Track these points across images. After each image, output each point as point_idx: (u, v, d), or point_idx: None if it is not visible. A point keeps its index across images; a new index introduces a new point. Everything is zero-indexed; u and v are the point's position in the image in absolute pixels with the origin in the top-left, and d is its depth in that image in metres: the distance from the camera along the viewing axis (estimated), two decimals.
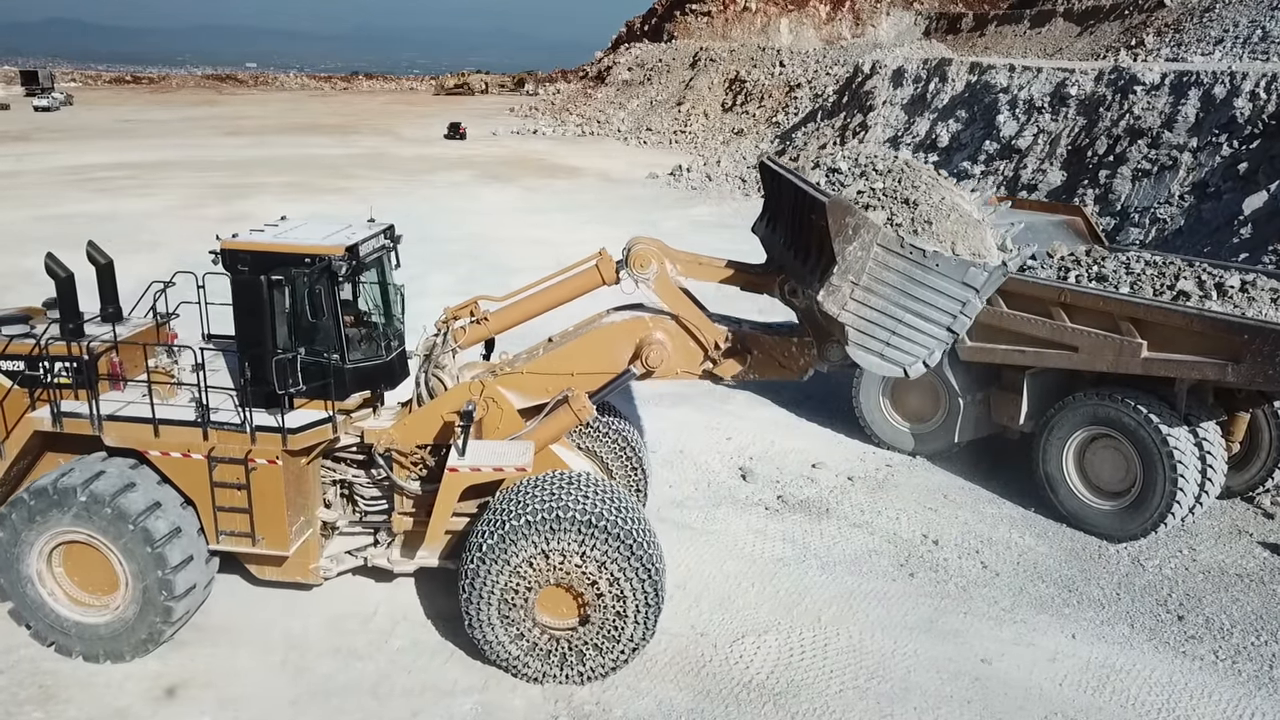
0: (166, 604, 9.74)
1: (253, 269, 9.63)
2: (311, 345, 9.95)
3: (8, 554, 9.81)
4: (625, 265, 10.59)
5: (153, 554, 9.59)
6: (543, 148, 65.38)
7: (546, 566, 9.37)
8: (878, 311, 9.05)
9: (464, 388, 10.46)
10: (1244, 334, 11.49)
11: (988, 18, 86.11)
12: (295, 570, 10.66)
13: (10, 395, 10.27)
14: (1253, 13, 50.92)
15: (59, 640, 10.04)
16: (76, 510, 9.56)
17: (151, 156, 53.47)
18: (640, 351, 10.39)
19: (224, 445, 9.89)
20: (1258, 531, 13.36)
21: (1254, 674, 10.24)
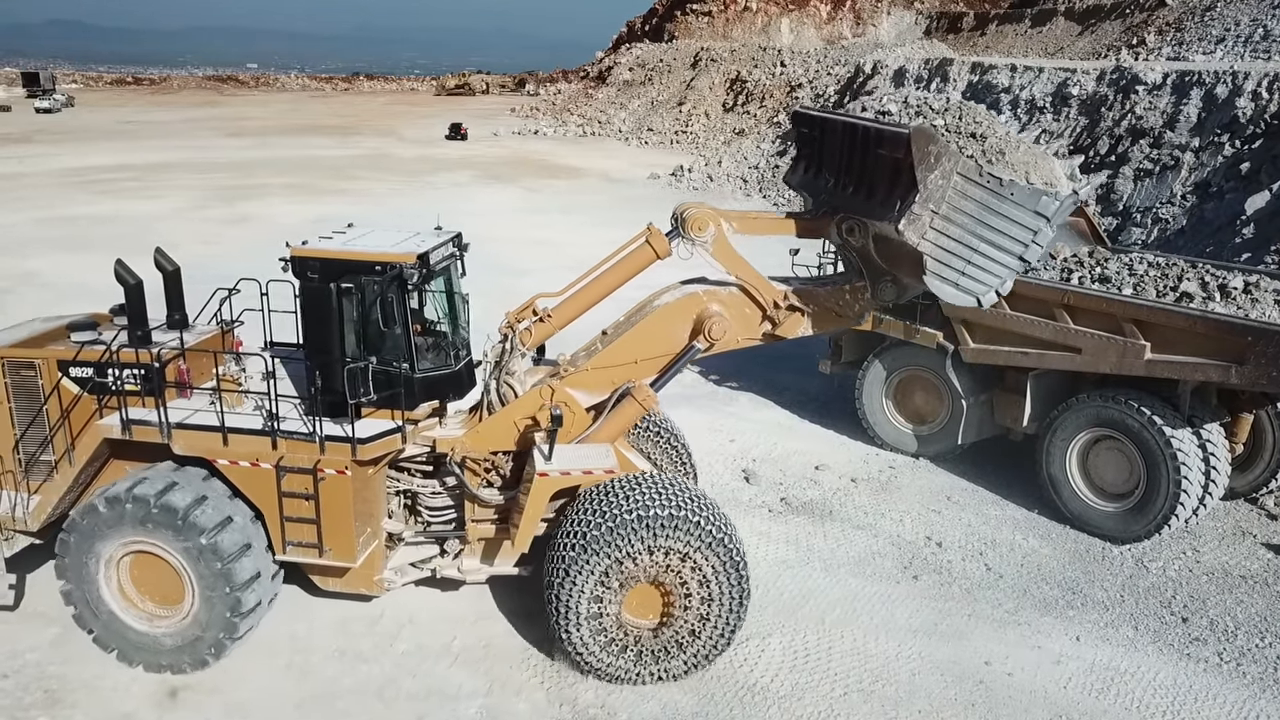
0: (232, 619, 9.67)
1: (322, 277, 9.56)
2: (381, 354, 9.87)
3: (76, 560, 9.73)
4: (679, 233, 10.65)
5: (222, 569, 9.51)
6: (544, 148, 65.40)
7: (637, 566, 9.44)
8: (955, 240, 9.35)
9: (535, 393, 10.44)
10: (1247, 336, 11.50)
11: (989, 17, 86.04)
12: (359, 581, 10.53)
13: (78, 402, 10.19)
14: (1254, 11, 50.86)
15: (120, 648, 9.95)
16: (148, 520, 9.47)
17: (154, 158, 53.52)
18: (701, 326, 10.48)
19: (293, 455, 9.78)
20: (1261, 533, 13.36)
21: (1258, 676, 10.24)
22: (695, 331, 10.56)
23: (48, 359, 10.26)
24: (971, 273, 9.48)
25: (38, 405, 10.31)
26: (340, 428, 9.77)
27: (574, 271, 11.00)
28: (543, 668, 10.17)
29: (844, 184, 10.63)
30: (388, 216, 36.37)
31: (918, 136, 9.14)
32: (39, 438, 10.32)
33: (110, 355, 9.93)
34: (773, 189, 43.79)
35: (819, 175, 11.37)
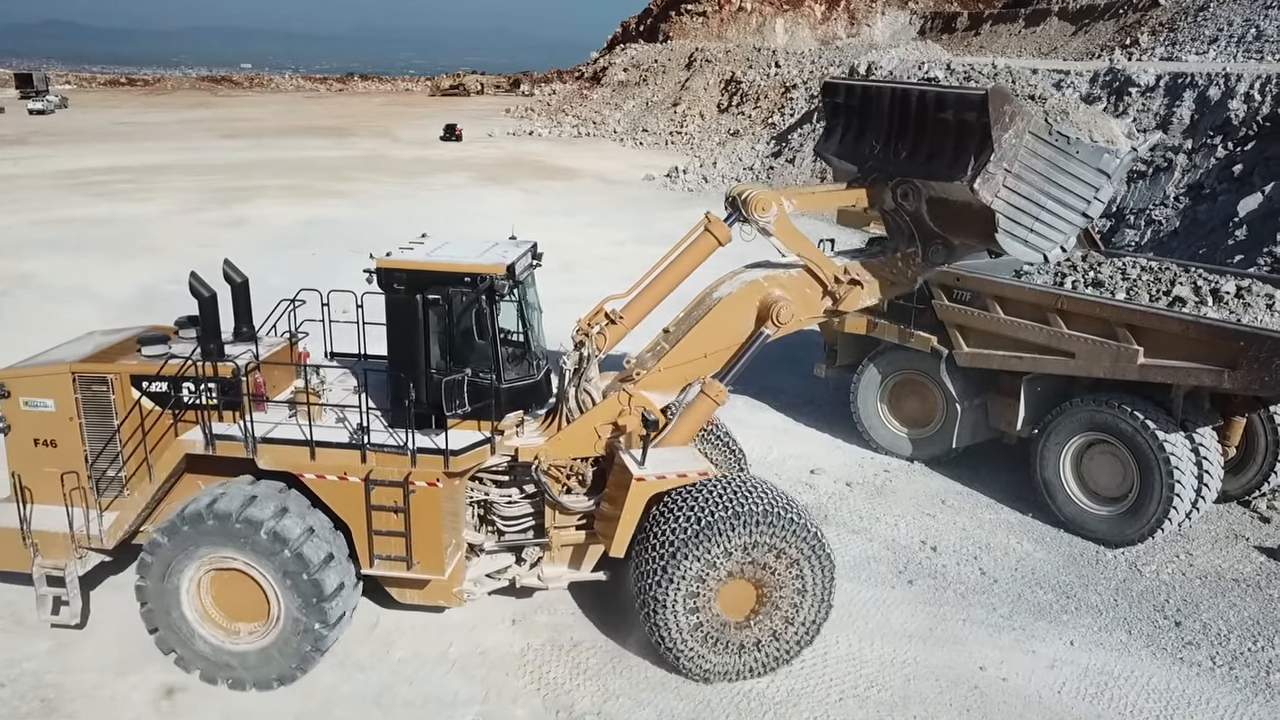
0: (320, 631, 9.60)
1: (409, 288, 9.58)
2: (468, 365, 9.89)
3: (158, 580, 9.62)
4: (739, 216, 10.88)
5: (309, 580, 9.45)
6: (539, 149, 65.44)
7: (733, 562, 9.58)
8: (1024, 198, 9.74)
9: (613, 399, 10.50)
10: (1240, 340, 11.56)
11: (982, 17, 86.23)
12: (438, 594, 10.45)
13: (152, 417, 10.06)
14: (1247, 11, 51.06)
15: (204, 668, 9.86)
16: (233, 536, 9.40)
17: (148, 160, 53.48)
18: (768, 313, 10.66)
19: (382, 468, 9.71)
20: (1254, 536, 13.43)
21: (1251, 680, 10.31)
22: (761, 318, 10.74)
23: (121, 373, 10.15)
24: (1039, 229, 9.91)
25: (109, 421, 10.20)
26: (429, 439, 9.75)
27: (576, 273, 11.07)
28: (539, 674, 10.21)
29: (897, 149, 10.88)
30: (384, 219, 36.37)
31: (994, 97, 9.47)
32: (111, 454, 10.21)
33: (196, 369, 9.84)
34: None
35: (859, 142, 11.61)
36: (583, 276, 26.24)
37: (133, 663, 10.25)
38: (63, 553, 10.22)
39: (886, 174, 11.01)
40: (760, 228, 10.83)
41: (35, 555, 10.17)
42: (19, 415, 10.25)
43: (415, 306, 9.62)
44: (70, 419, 10.21)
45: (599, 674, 10.23)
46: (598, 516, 10.57)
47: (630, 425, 10.44)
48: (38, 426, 10.24)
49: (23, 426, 10.28)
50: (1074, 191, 9.84)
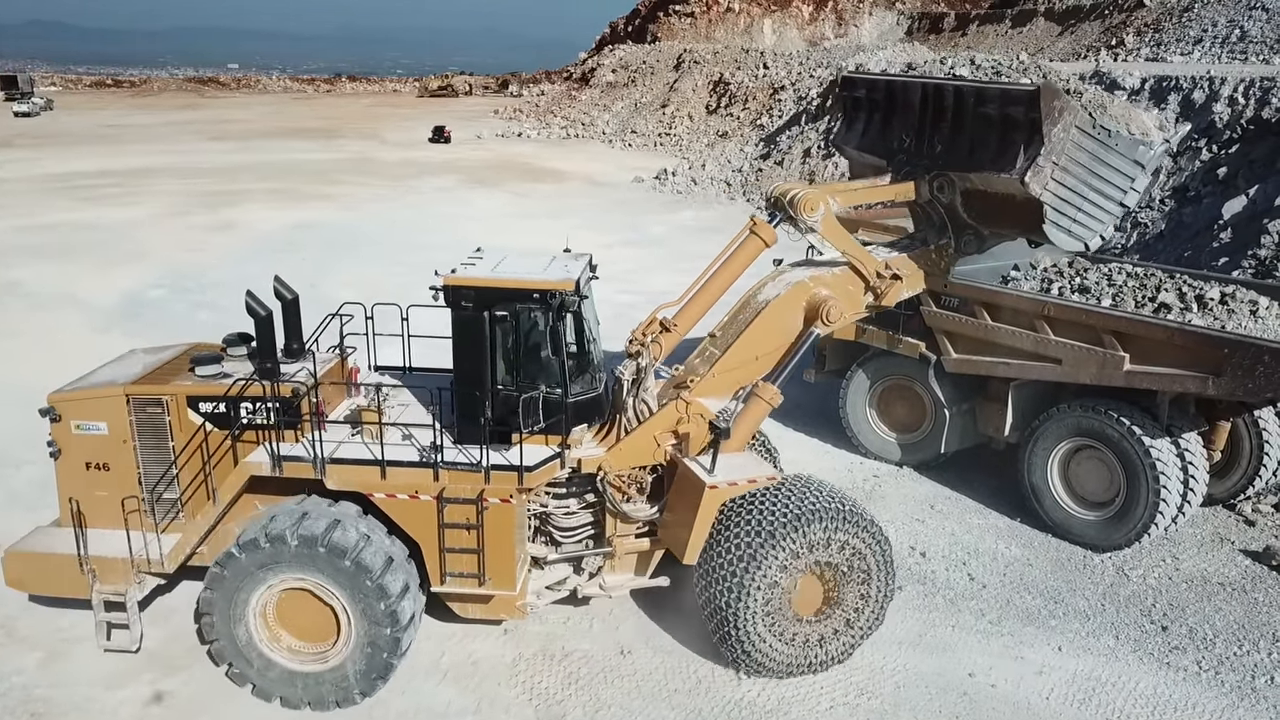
0: (395, 635, 9.57)
1: (476, 305, 9.60)
2: (536, 380, 9.95)
3: (227, 595, 9.53)
4: (785, 216, 11.15)
5: (386, 609, 9.42)
6: (528, 151, 65.40)
7: (806, 560, 9.88)
8: (1069, 190, 10.28)
9: (670, 408, 10.64)
10: (1224, 348, 11.66)
11: (969, 17, 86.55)
12: (502, 608, 10.42)
13: (210, 438, 9.99)
14: (1231, 12, 51.37)
15: (277, 690, 9.79)
16: (298, 557, 9.35)
17: (135, 163, 53.26)
18: (816, 312, 10.96)
19: (455, 485, 9.72)
20: (1239, 539, 13.55)
21: (1236, 685, 10.41)
22: (809, 319, 11.02)
23: (177, 395, 10.04)
24: (1081, 219, 10.45)
25: (165, 443, 10.12)
26: (501, 455, 9.79)
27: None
28: (531, 684, 10.24)
29: (932, 142, 11.25)
30: (373, 222, 36.32)
31: (1046, 92, 9.96)
32: (167, 476, 10.13)
33: (262, 389, 9.76)
34: (756, 192, 43.90)
35: (884, 136, 12.01)
36: None
37: (123, 676, 10.26)
38: (121, 577, 10.09)
39: (921, 167, 11.39)
40: (808, 227, 11.09)
41: (94, 581, 10.03)
42: (70, 439, 10.10)
43: (483, 323, 9.62)
44: (124, 441, 10.09)
45: (591, 684, 10.27)
46: (661, 524, 10.66)
47: (693, 432, 10.63)
48: (89, 450, 10.11)
49: (74, 450, 10.13)
50: (1113, 182, 10.41)
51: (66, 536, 10.09)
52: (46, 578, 10.28)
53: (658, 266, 28.43)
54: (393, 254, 31.10)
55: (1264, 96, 25.58)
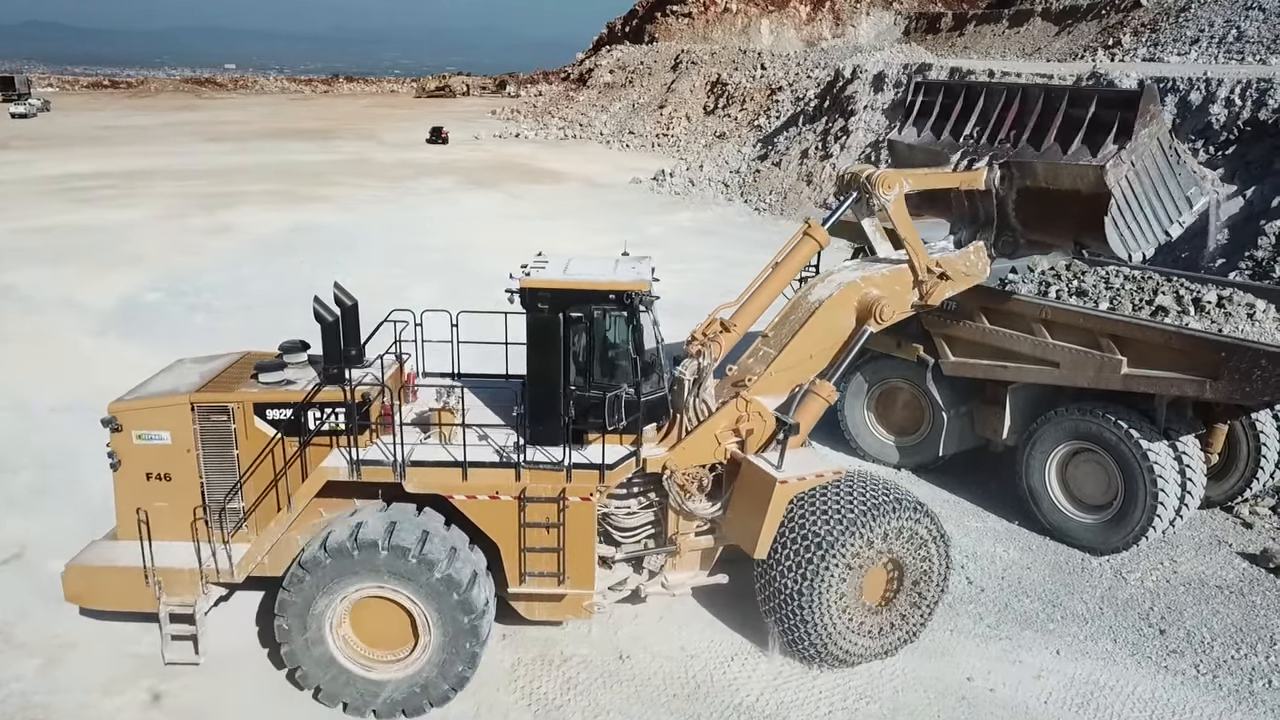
0: (471, 650, 9.63)
1: (552, 307, 9.72)
2: (610, 380, 10.10)
3: (300, 616, 9.48)
4: (859, 195, 11.64)
5: (459, 600, 9.45)
6: (525, 152, 65.36)
7: (875, 550, 10.18)
8: (1134, 195, 10.91)
9: (730, 407, 10.78)
10: (1221, 351, 11.68)
11: (966, 17, 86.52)
12: (569, 609, 10.54)
13: (276, 445, 9.98)
14: (1228, 12, 51.39)
15: (349, 699, 9.75)
16: (381, 565, 9.34)
17: (132, 164, 53.16)
18: (868, 312, 11.34)
19: (536, 485, 9.80)
20: (1236, 542, 13.57)
21: (1234, 688, 10.42)
22: (861, 318, 11.39)
23: (243, 402, 9.97)
24: (1134, 229, 10.99)
25: (230, 451, 10.05)
26: (582, 454, 9.93)
27: None
28: (530, 690, 10.25)
29: (1006, 138, 12.10)
30: (370, 224, 36.28)
31: (1148, 94, 10.71)
32: (232, 485, 10.08)
33: (349, 395, 9.72)
34: (754, 193, 43.92)
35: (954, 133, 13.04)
36: None
37: (121, 682, 10.26)
38: (188, 589, 9.98)
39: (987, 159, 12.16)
40: (880, 205, 11.39)
41: (160, 594, 9.93)
42: (130, 449, 9.99)
43: (558, 324, 9.74)
44: (188, 451, 10.00)
45: (589, 689, 10.27)
46: (725, 521, 10.80)
47: (756, 430, 10.83)
48: (151, 460, 10.00)
49: (134, 461, 10.02)
50: (1166, 206, 11.06)
51: (128, 549, 9.95)
52: (110, 592, 10.09)
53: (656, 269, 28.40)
54: (391, 256, 31.09)
55: (1260, 98, 25.62)
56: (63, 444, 16.36)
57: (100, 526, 13.38)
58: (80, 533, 13.26)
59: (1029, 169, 11.90)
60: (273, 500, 10.10)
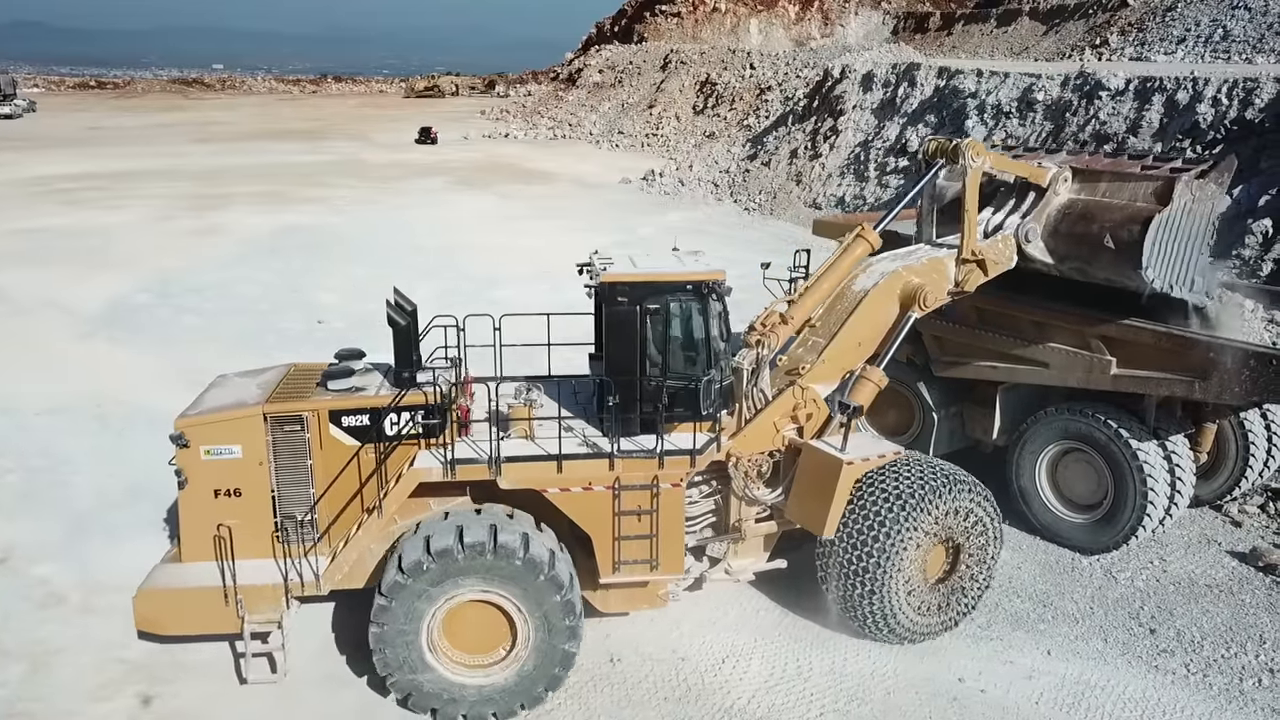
0: (568, 649, 9.64)
1: (630, 299, 10.02)
2: (688, 368, 10.47)
3: (399, 622, 9.37)
4: (950, 159, 12.25)
5: (561, 601, 9.46)
6: (515, 152, 65.24)
7: (939, 528, 10.67)
8: (1179, 224, 11.69)
9: (788, 395, 11.12)
10: (1210, 351, 11.71)
11: (954, 17, 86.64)
12: (645, 599, 10.81)
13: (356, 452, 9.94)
14: (1214, 12, 51.57)
15: (441, 706, 9.67)
16: (488, 568, 9.30)
17: (119, 166, 52.85)
18: (912, 299, 11.66)
19: (628, 473, 10.00)
20: (1226, 540, 13.61)
21: (1224, 687, 10.45)
22: (905, 305, 11.73)
23: (318, 410, 9.88)
24: (1160, 257, 11.59)
25: (303, 461, 9.96)
26: (670, 442, 10.16)
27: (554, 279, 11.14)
28: None
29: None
30: (360, 225, 36.15)
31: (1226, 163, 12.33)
32: (306, 495, 10.00)
33: (439, 397, 9.77)
34: (743, 193, 43.93)
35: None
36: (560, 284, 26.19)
37: (108, 688, 10.20)
38: (270, 606, 9.83)
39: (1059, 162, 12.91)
40: (970, 169, 11.94)
41: (244, 613, 9.75)
42: (198, 466, 9.80)
43: (637, 316, 10.02)
44: (259, 464, 9.88)
45: (580, 692, 10.25)
46: (788, 506, 11.07)
47: (813, 416, 11.25)
48: (219, 476, 9.84)
49: (201, 478, 9.83)
50: (1178, 264, 11.78)
51: (199, 570, 9.81)
52: (187, 615, 9.85)
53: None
54: (382, 257, 31.00)
55: (1247, 97, 25.74)
56: (49, 447, 16.30)
57: (86, 530, 13.41)
58: (66, 537, 13.26)
59: (1095, 176, 12.59)
60: (347, 508, 10.07)
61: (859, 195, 38.71)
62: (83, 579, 12.24)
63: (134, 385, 19.20)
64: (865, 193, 38.56)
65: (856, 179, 39.84)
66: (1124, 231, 11.77)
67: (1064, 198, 12.60)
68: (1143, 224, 11.50)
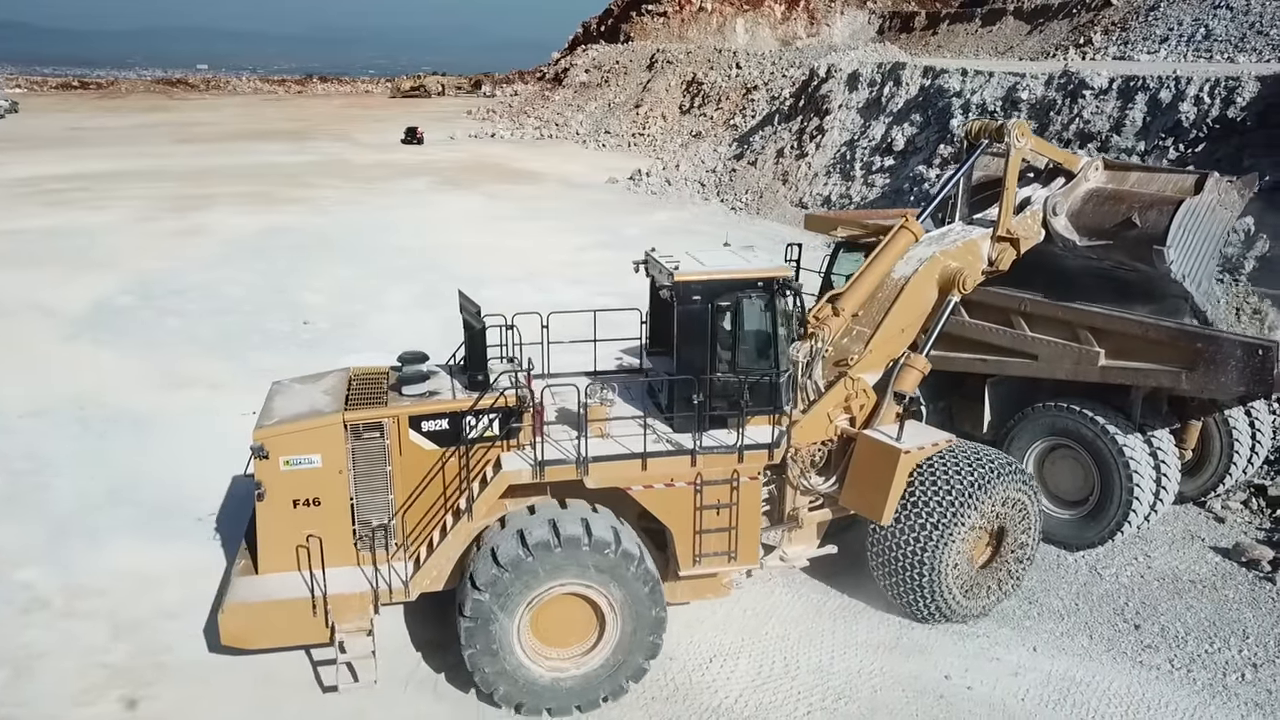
0: (654, 640, 9.83)
1: (704, 297, 10.21)
2: (758, 363, 10.73)
3: (493, 618, 9.36)
4: (995, 138, 12.72)
5: (650, 593, 9.60)
6: (502, 151, 65.11)
7: (987, 515, 11.10)
8: (1202, 216, 12.23)
9: (839, 386, 11.46)
10: (1197, 342, 11.79)
11: (940, 16, 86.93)
12: (708, 588, 11.05)
13: (433, 456, 10.01)
14: (1196, 11, 51.92)
15: (528, 700, 9.67)
16: (585, 561, 9.36)
17: (103, 166, 52.52)
18: (952, 283, 12.03)
19: (709, 468, 10.22)
20: (1209, 536, 13.68)
21: (1208, 682, 10.49)
22: (943, 289, 12.10)
23: (398, 416, 9.88)
24: (1183, 242, 11.99)
25: (382, 468, 9.94)
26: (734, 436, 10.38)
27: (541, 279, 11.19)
28: None
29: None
30: (345, 226, 36.01)
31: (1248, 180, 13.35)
32: (381, 502, 10.00)
33: (511, 400, 9.87)
34: (730, 192, 43.97)
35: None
36: (546, 284, 26.20)
37: (91, 692, 10.12)
38: (357, 613, 9.76)
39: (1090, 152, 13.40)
40: (1015, 149, 12.39)
41: (333, 623, 9.65)
42: (277, 477, 9.69)
43: (709, 314, 10.28)
44: (339, 472, 9.82)
45: None
46: (843, 494, 11.40)
47: (865, 405, 11.60)
48: (298, 487, 9.75)
49: (280, 489, 9.72)
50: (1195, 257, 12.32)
51: (281, 582, 9.76)
52: (275, 628, 9.72)
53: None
54: (367, 258, 30.92)
55: (1229, 96, 25.92)
56: (32, 450, 16.18)
57: (68, 533, 13.30)
58: (48, 541, 13.15)
59: (1125, 168, 13.23)
60: (426, 512, 10.12)
61: (845, 194, 38.80)
62: (65, 583, 12.15)
63: (117, 387, 19.09)
64: (851, 192, 38.66)
65: (843, 178, 39.93)
66: (1153, 211, 12.22)
67: (1094, 184, 13.08)
68: (1175, 205, 11.95)
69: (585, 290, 23.80)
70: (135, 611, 11.52)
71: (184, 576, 12.25)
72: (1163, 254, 11.88)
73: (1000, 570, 11.48)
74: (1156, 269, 12.22)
